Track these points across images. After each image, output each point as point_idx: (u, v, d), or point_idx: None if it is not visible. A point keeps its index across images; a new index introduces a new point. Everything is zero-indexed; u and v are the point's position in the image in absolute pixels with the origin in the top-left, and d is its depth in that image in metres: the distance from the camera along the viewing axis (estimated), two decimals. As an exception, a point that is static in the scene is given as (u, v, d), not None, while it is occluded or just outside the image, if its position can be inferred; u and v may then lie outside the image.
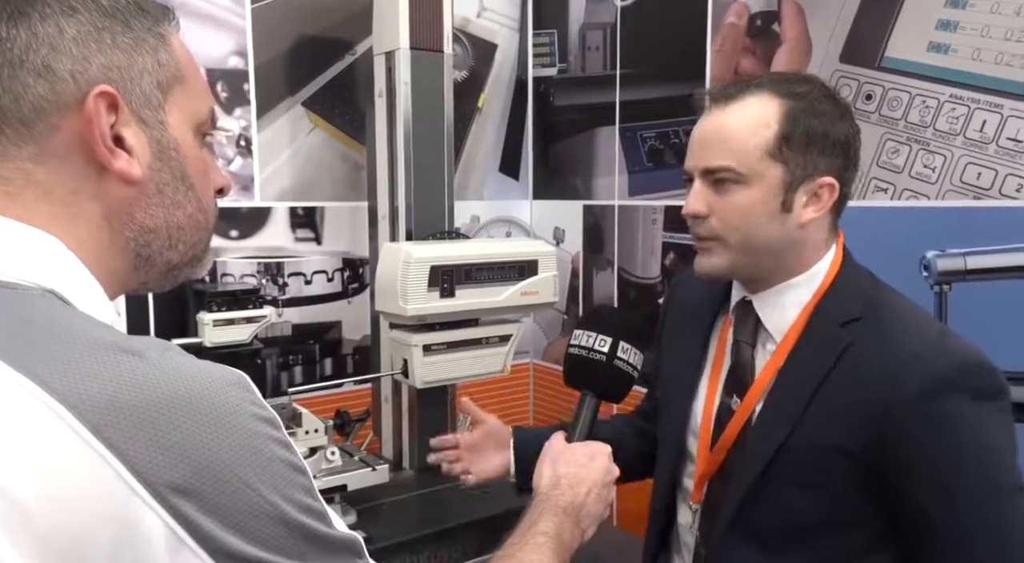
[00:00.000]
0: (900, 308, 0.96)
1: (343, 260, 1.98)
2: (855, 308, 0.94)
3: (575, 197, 2.17)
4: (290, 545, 0.52)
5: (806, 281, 0.98)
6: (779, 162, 0.92)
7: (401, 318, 1.58)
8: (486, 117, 2.21)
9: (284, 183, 1.87)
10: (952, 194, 1.37)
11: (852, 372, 0.91)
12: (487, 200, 2.24)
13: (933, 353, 0.88)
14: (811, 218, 0.94)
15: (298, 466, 0.54)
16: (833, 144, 0.94)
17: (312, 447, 1.47)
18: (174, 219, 0.62)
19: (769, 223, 0.94)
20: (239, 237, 1.83)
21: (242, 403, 0.52)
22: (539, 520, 0.86)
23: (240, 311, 1.64)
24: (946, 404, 0.86)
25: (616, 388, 1.02)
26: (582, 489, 0.92)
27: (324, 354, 1.98)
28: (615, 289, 2.07)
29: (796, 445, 0.92)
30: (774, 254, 0.97)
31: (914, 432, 0.86)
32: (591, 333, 1.01)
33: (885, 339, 0.91)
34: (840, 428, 0.90)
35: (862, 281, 0.98)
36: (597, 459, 0.96)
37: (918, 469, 0.87)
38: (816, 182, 0.93)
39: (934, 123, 1.39)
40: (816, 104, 0.94)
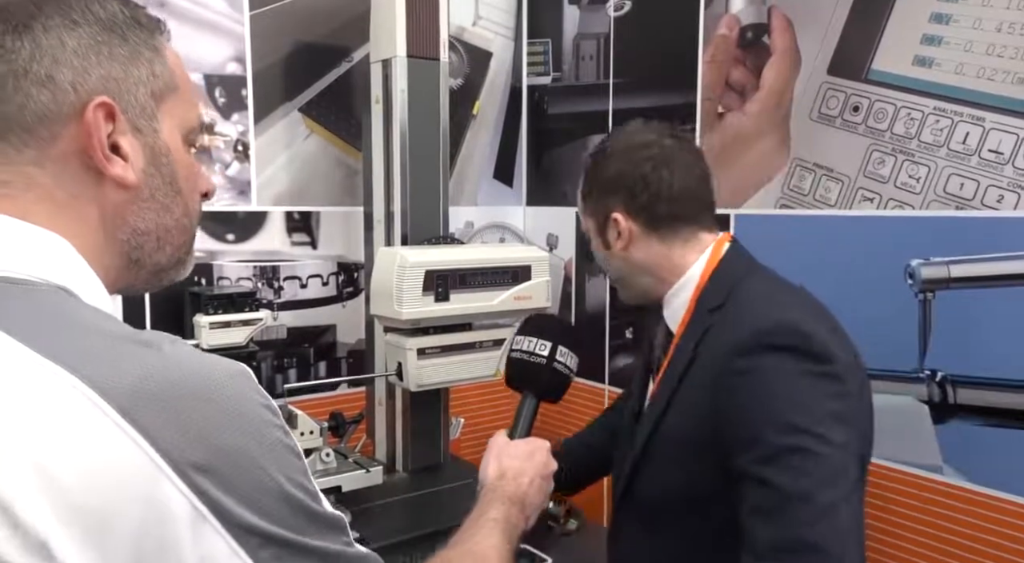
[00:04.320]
0: (754, 289, 1.05)
1: (338, 264, 2.00)
2: (720, 297, 1.05)
3: (568, 204, 2.20)
4: (293, 521, 0.56)
5: (684, 285, 1.11)
6: (588, 214, 1.17)
7: (396, 322, 1.60)
8: (481, 124, 2.24)
9: (280, 188, 1.89)
10: (936, 204, 1.41)
11: (706, 352, 1.01)
12: (481, 206, 2.26)
13: (753, 316, 0.98)
14: (621, 246, 1.12)
15: (296, 450, 0.59)
16: (611, 184, 1.11)
17: (307, 449, 1.49)
18: (163, 222, 0.65)
19: (606, 260, 1.17)
20: (235, 241, 1.84)
21: (248, 391, 0.56)
22: (488, 508, 0.94)
23: (236, 314, 1.66)
24: (751, 360, 0.93)
25: (554, 389, 1.13)
26: (524, 480, 1.01)
27: (318, 357, 2.00)
28: (607, 295, 2.10)
29: (666, 427, 1.03)
30: (629, 278, 1.16)
31: (729, 388, 0.94)
32: (532, 338, 1.11)
33: (730, 317, 1.01)
34: (695, 406, 0.99)
35: (733, 274, 1.08)
36: (537, 454, 1.05)
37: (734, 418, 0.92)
38: (611, 219, 1.12)
39: (919, 135, 1.43)
40: (603, 157, 1.14)
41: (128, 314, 1.70)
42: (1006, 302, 1.32)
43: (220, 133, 1.79)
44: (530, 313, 1.82)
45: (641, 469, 1.06)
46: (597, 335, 2.12)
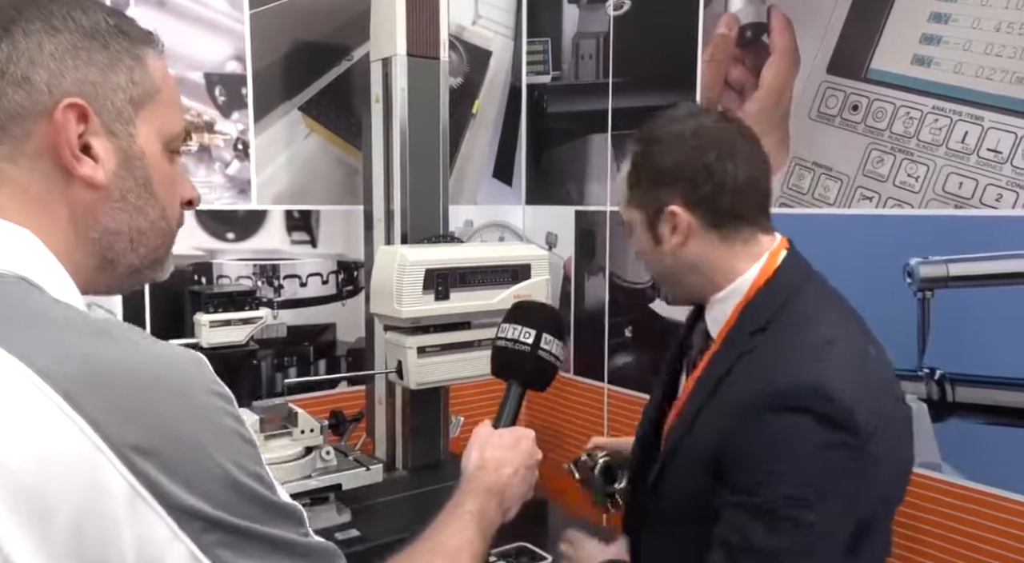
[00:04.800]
0: (798, 322, 0.98)
1: (338, 262, 2.00)
2: (762, 320, 0.99)
3: (567, 203, 2.20)
4: (241, 507, 0.56)
5: (732, 293, 1.04)
6: (635, 206, 1.06)
7: (396, 320, 1.60)
8: (480, 123, 2.24)
9: (280, 186, 1.90)
10: (935, 203, 1.41)
11: (740, 376, 0.97)
12: (481, 205, 2.26)
13: (789, 372, 0.92)
14: (677, 243, 1.03)
15: (248, 438, 0.59)
16: (669, 173, 1.02)
17: (308, 447, 1.49)
18: (136, 224, 0.66)
19: (652, 256, 1.07)
20: (235, 239, 1.85)
21: (199, 379, 0.57)
22: (464, 500, 0.92)
23: (236, 312, 1.66)
24: (778, 419, 0.90)
25: (540, 377, 1.09)
26: (507, 471, 0.98)
27: (318, 356, 2.00)
28: (606, 294, 2.10)
29: (686, 445, 1.01)
30: (679, 278, 1.08)
31: (747, 433, 0.92)
32: (516, 326, 1.07)
33: (770, 352, 0.96)
34: (716, 423, 0.97)
35: (782, 292, 1.02)
36: (522, 443, 1.02)
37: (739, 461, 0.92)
38: (666, 212, 1.02)
39: (918, 134, 1.43)
40: (655, 143, 1.04)
41: (129, 313, 1.70)
42: (1005, 301, 1.33)
43: (220, 132, 1.79)
44: (530, 312, 1.82)
45: (668, 469, 1.04)
46: (596, 334, 2.13)
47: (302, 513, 0.63)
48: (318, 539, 0.64)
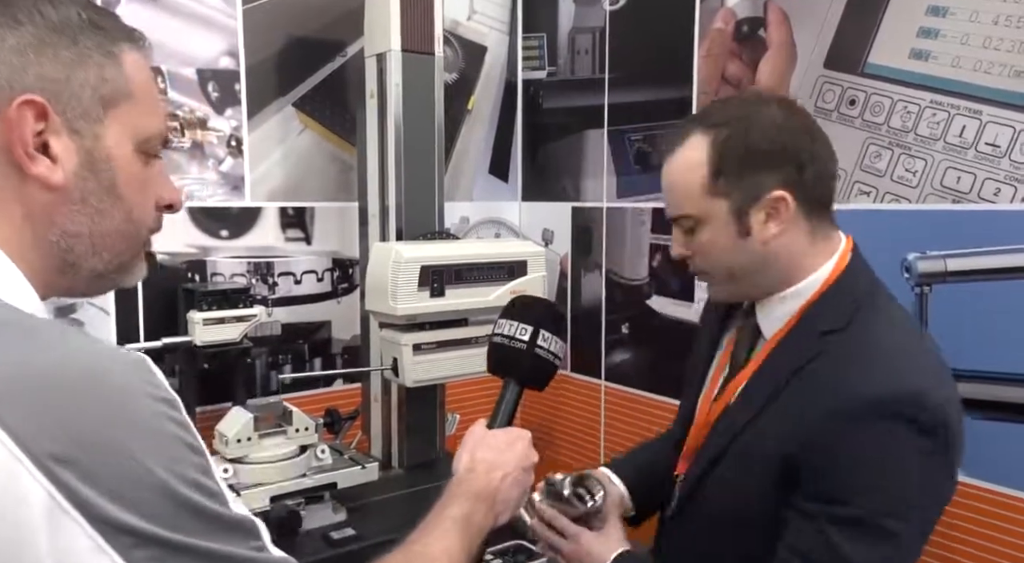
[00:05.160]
0: (880, 325, 0.94)
1: (333, 260, 1.99)
2: (838, 319, 0.95)
3: (564, 199, 2.19)
4: (178, 520, 0.53)
5: (802, 290, 0.99)
6: (719, 196, 0.95)
7: (391, 317, 1.59)
8: (476, 119, 2.23)
9: (274, 183, 1.88)
10: (933, 197, 1.41)
11: (812, 380, 0.93)
12: (476, 201, 2.25)
13: (878, 376, 0.89)
14: (773, 234, 0.95)
15: (193, 446, 0.56)
16: (772, 156, 0.94)
17: (303, 445, 1.48)
18: (99, 228, 0.64)
19: (734, 250, 0.97)
20: (229, 237, 1.83)
21: (136, 383, 0.54)
22: (449, 505, 0.87)
23: (230, 310, 1.65)
24: (868, 427, 0.87)
25: (537, 376, 1.04)
26: (497, 474, 0.92)
27: (313, 354, 1.99)
28: (603, 291, 2.09)
29: (750, 437, 0.97)
30: (757, 273, 0.99)
31: (834, 444, 0.88)
32: (513, 322, 1.02)
33: (851, 354, 0.92)
34: (783, 429, 0.93)
35: (856, 292, 0.97)
36: (516, 445, 0.97)
37: (828, 470, 0.89)
38: (766, 199, 0.94)
39: (915, 128, 1.42)
40: (746, 123, 0.95)
41: (121, 311, 1.69)
42: (1004, 296, 1.32)
43: (213, 128, 1.78)
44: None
45: (715, 472, 1.00)
46: (593, 330, 2.12)
47: (256, 525, 0.60)
48: (277, 554, 0.61)
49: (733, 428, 0.99)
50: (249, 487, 1.38)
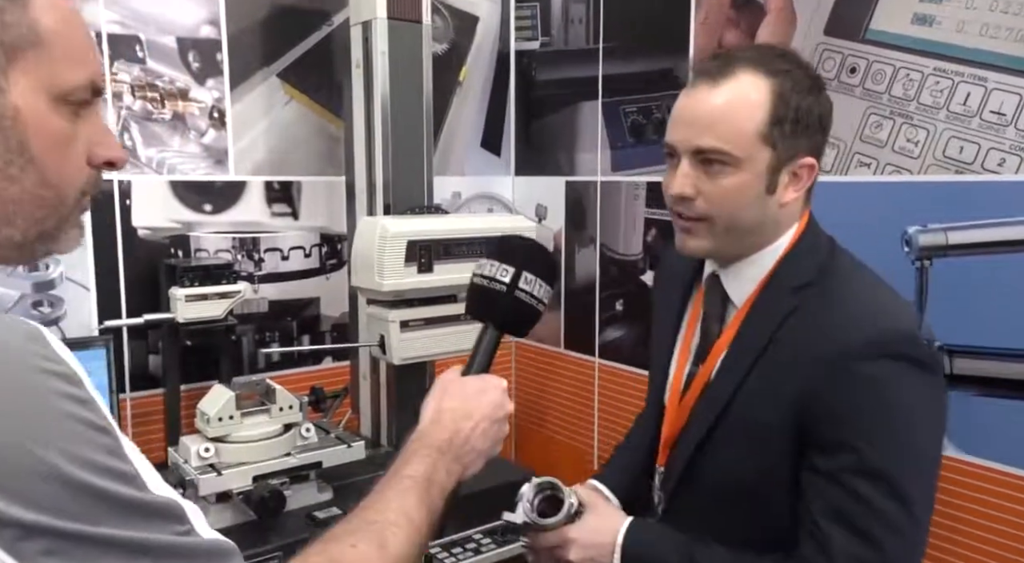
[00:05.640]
0: (851, 273, 0.97)
1: (321, 235, 1.95)
2: (808, 274, 0.95)
3: (557, 173, 2.14)
4: (69, 506, 0.48)
5: (770, 252, 0.99)
6: (768, 145, 0.91)
7: (378, 293, 1.55)
8: (467, 91, 2.17)
9: (259, 156, 1.83)
10: (935, 168, 1.36)
11: (796, 334, 0.92)
12: (469, 176, 2.20)
13: (871, 316, 0.90)
14: (792, 198, 0.95)
15: (96, 424, 0.51)
16: (814, 123, 0.93)
17: (287, 424, 1.45)
18: (7, 194, 0.58)
19: (754, 204, 0.94)
20: (213, 211, 1.79)
21: (25, 356, 0.49)
22: (409, 461, 0.81)
23: (213, 286, 1.61)
24: (875, 367, 0.87)
25: (517, 320, 0.97)
26: (466, 424, 0.86)
27: (302, 331, 1.95)
28: (597, 266, 2.05)
29: (738, 406, 0.95)
30: (753, 233, 0.98)
31: (841, 387, 0.88)
32: (495, 262, 0.95)
33: (829, 302, 0.92)
34: (778, 386, 0.92)
35: (820, 248, 0.98)
36: (489, 393, 0.89)
37: (839, 419, 0.88)
38: (797, 163, 0.94)
39: (918, 96, 1.37)
40: (800, 81, 0.93)
41: (102, 286, 1.65)
42: (1006, 269, 1.28)
43: (194, 99, 1.73)
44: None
45: (704, 453, 0.97)
46: (587, 308, 2.08)
47: (180, 507, 0.55)
48: (208, 536, 0.56)
49: (720, 401, 0.96)
50: (231, 466, 1.35)
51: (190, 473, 1.33)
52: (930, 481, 0.91)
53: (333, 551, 0.69)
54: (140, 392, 1.72)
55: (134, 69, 1.65)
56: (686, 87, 0.96)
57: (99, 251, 1.64)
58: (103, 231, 1.65)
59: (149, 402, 1.72)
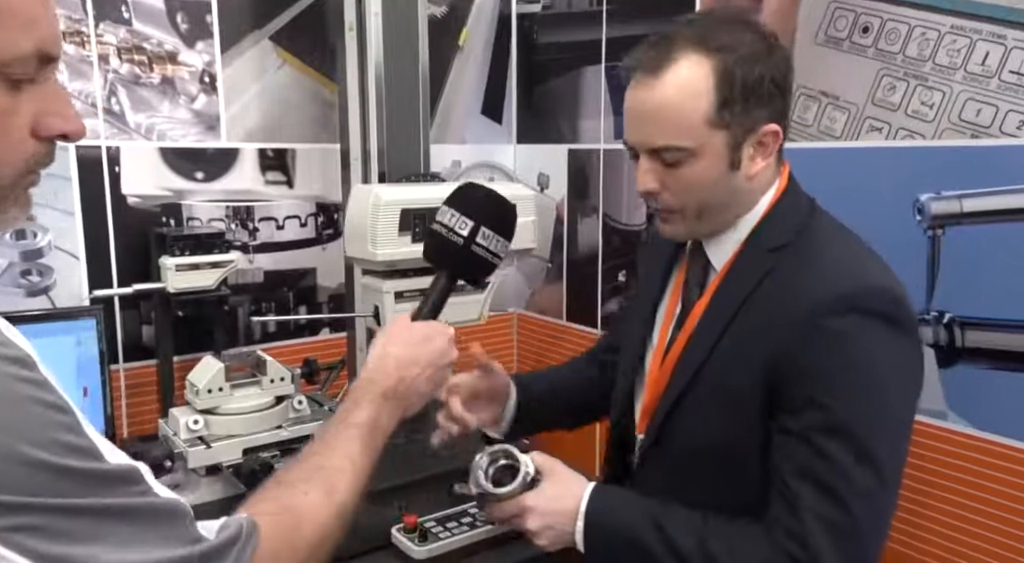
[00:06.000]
0: (828, 234, 0.95)
1: (317, 205, 1.91)
2: (785, 235, 0.94)
3: (560, 141, 2.09)
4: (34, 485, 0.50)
5: (750, 218, 0.98)
6: (721, 128, 0.90)
7: (371, 263, 1.51)
8: (467, 56, 2.11)
9: (252, 122, 1.79)
10: (950, 132, 1.30)
11: (769, 295, 0.91)
12: (469, 144, 2.15)
13: (843, 273, 0.88)
14: (760, 168, 0.94)
15: (54, 404, 0.53)
16: (769, 89, 0.91)
17: (279, 396, 1.42)
18: None
19: (720, 184, 0.93)
20: (205, 179, 1.75)
21: None
22: (355, 408, 0.85)
23: (204, 256, 1.57)
24: (844, 321, 0.85)
25: (472, 272, 1.00)
26: (411, 371, 0.90)
27: (299, 302, 1.92)
28: (600, 236, 2.00)
29: (711, 369, 0.94)
30: (728, 208, 0.97)
31: (810, 344, 0.85)
32: (455, 213, 0.97)
33: (805, 262, 0.91)
34: (750, 349, 0.90)
35: (799, 209, 0.97)
36: (435, 341, 0.94)
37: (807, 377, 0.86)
38: (759, 134, 0.92)
39: (934, 57, 1.31)
40: (747, 52, 0.90)
41: (92, 255, 1.62)
42: (1022, 238, 1.22)
43: (184, 63, 1.68)
44: (517, 255, 1.74)
45: (676, 417, 0.97)
46: (589, 279, 2.04)
47: (136, 471, 0.58)
48: (163, 495, 0.59)
49: (694, 364, 0.95)
50: (221, 438, 1.33)
51: (179, 445, 1.30)
52: (900, 442, 0.88)
53: (285, 498, 0.73)
54: (133, 363, 1.70)
55: (120, 31, 1.60)
56: (631, 81, 0.94)
57: (88, 219, 1.61)
58: (92, 199, 1.61)
59: (143, 373, 1.70)
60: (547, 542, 0.99)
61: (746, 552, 0.88)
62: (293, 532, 0.71)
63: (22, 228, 1.54)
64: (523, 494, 0.99)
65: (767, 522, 0.88)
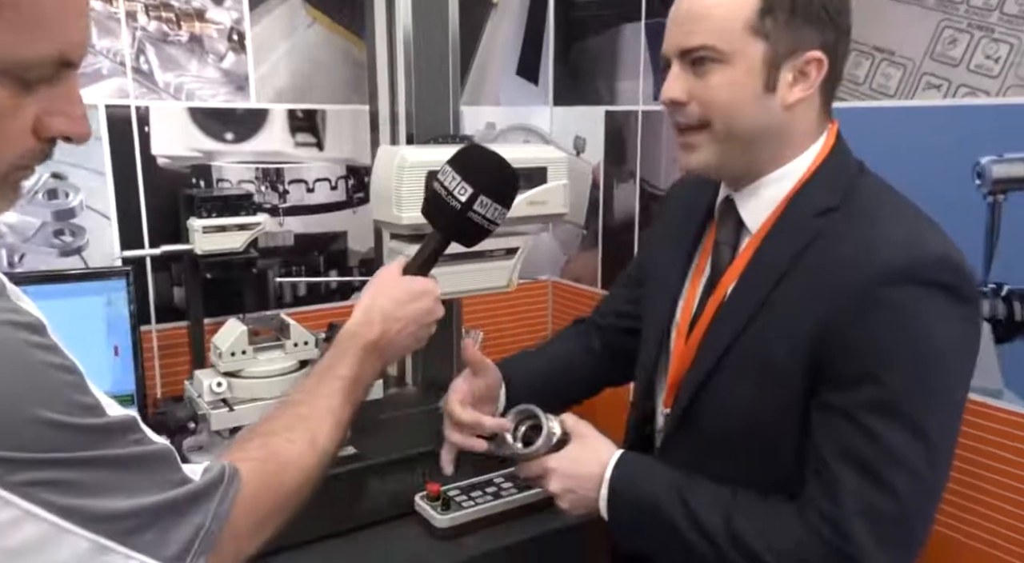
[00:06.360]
0: (880, 198, 0.88)
1: (347, 167, 1.87)
2: (833, 197, 0.87)
3: (597, 102, 2.01)
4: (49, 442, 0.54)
5: (789, 173, 0.90)
6: (760, 37, 0.84)
7: (396, 227, 1.48)
8: (503, 14, 2.04)
9: (281, 82, 1.76)
10: (1016, 90, 1.19)
11: (817, 263, 0.84)
12: (504, 106, 2.09)
13: (899, 241, 0.81)
14: (798, 98, 0.86)
15: (64, 366, 0.56)
16: (820, 12, 0.85)
17: (302, 360, 1.41)
18: None
19: (753, 105, 0.86)
20: (235, 140, 1.73)
21: None
22: (339, 362, 0.88)
23: (232, 218, 1.56)
24: (901, 293, 0.78)
25: (466, 236, 0.99)
26: (395, 327, 0.92)
27: (329, 266, 1.90)
28: (637, 202, 1.93)
29: (747, 341, 0.88)
30: (760, 141, 0.89)
31: (863, 316, 0.79)
32: (456, 176, 0.95)
33: (856, 228, 0.84)
34: (793, 320, 0.84)
35: (847, 170, 0.90)
36: (422, 300, 0.95)
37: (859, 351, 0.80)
38: (802, 58, 0.86)
39: (1002, 5, 1.20)
40: None
41: (124, 217, 1.62)
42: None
43: (212, 20, 1.65)
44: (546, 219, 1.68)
45: (705, 393, 0.91)
46: (625, 246, 1.98)
47: (132, 420, 0.61)
48: (152, 443, 0.62)
49: (728, 335, 0.89)
50: (244, 402, 1.32)
51: (203, 407, 1.30)
52: (953, 422, 0.82)
53: (272, 445, 0.76)
54: (166, 324, 1.70)
55: (147, -13, 1.58)
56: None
57: (119, 180, 1.61)
58: (123, 159, 1.60)
59: (175, 334, 1.71)
60: (569, 506, 0.97)
61: (776, 532, 0.83)
62: (275, 478, 0.74)
63: (54, 187, 1.55)
64: (547, 455, 0.97)
65: (801, 503, 0.83)
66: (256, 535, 0.71)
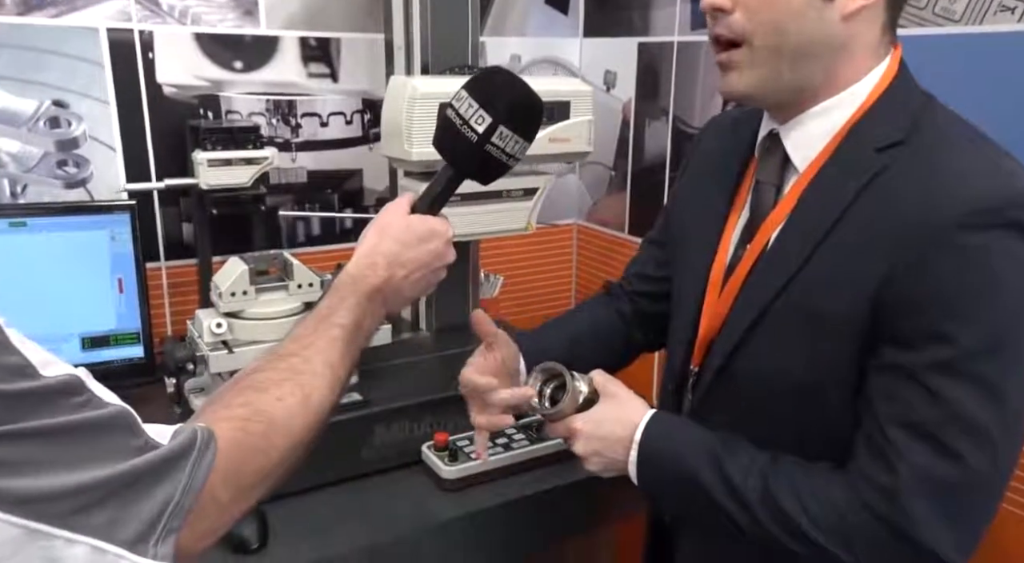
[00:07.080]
0: (952, 132, 0.77)
1: (363, 101, 1.78)
2: (897, 131, 0.75)
3: (630, 33, 1.87)
4: None
5: (846, 100, 0.79)
6: None
7: (407, 164, 1.39)
8: (532, -65, 1.89)
9: (293, 7, 1.65)
10: (1104, 15, 1.05)
11: (879, 203, 0.74)
12: (530, 37, 1.96)
13: (981, 179, 0.71)
14: (859, 6, 0.74)
15: None
16: None
17: (306, 302, 1.35)
18: None
19: (805, 12, 0.75)
20: (244, 69, 1.64)
21: None
22: (339, 308, 0.78)
23: (238, 151, 1.49)
24: (984, 237, 0.69)
25: (481, 171, 0.87)
26: (400, 272, 0.82)
27: (344, 204, 1.83)
28: (669, 142, 1.81)
29: (795, 293, 0.78)
30: (813, 59, 0.78)
31: (938, 264, 0.69)
32: (473, 103, 0.83)
33: (927, 163, 0.73)
34: (851, 269, 0.74)
35: (912, 100, 0.79)
36: (431, 242, 0.84)
37: (931, 303, 0.70)
38: None
39: (1094, -84, 1.04)
40: None
41: (129, 148, 1.56)
42: None
43: (216, -61, 1.54)
44: (568, 157, 1.58)
45: (744, 350, 0.83)
46: (655, 189, 1.86)
47: (76, 380, 0.54)
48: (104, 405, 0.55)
49: (772, 287, 0.79)
50: (244, 344, 1.27)
51: (202, 349, 1.25)
52: None
53: (258, 403, 0.67)
54: (175, 261, 1.66)
55: (146, -99, 1.47)
56: None
57: (123, 109, 1.54)
58: (126, 87, 1.53)
59: (184, 272, 1.66)
60: (596, 468, 0.91)
61: (820, 504, 0.75)
62: (263, 440, 0.65)
63: (56, 115, 1.49)
64: (574, 415, 0.91)
65: (850, 474, 0.75)
66: (240, 502, 0.63)
